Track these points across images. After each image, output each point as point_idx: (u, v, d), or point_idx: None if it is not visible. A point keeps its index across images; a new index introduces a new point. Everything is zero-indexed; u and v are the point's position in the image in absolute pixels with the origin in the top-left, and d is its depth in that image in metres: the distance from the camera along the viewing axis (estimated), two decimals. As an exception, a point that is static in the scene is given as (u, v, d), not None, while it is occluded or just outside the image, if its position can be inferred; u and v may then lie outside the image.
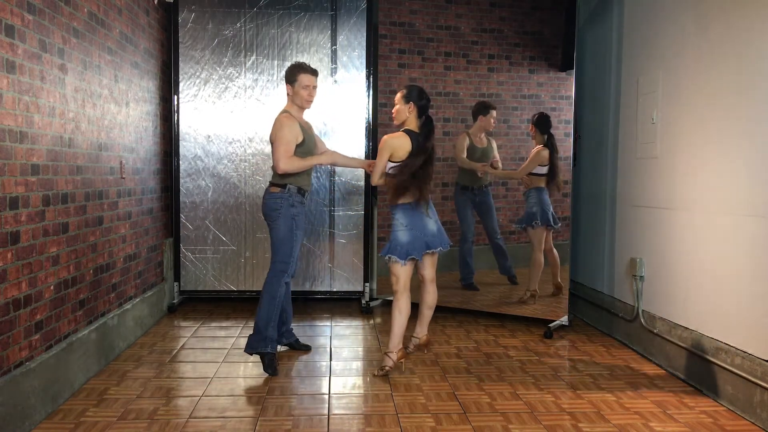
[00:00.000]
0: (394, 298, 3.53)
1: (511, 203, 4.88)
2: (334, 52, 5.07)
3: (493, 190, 4.89)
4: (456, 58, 4.91)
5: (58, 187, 3.03)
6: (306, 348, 3.92)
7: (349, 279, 5.18)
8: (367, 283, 5.18)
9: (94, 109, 3.48)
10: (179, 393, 3.19)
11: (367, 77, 5.08)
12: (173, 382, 3.35)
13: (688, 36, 3.49)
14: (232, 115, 5.03)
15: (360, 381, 3.43)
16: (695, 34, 3.42)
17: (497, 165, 4.79)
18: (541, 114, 4.59)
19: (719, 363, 3.11)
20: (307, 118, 3.87)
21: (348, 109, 5.10)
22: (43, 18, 2.86)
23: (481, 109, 4.74)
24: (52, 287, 2.97)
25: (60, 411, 2.91)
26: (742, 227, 3.00)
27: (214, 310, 5.00)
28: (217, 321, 4.65)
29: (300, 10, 5.02)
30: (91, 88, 3.43)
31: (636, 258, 3.95)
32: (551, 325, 4.36)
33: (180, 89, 4.97)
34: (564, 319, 4.43)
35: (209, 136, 5.04)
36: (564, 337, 4.29)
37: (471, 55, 4.90)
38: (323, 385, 3.32)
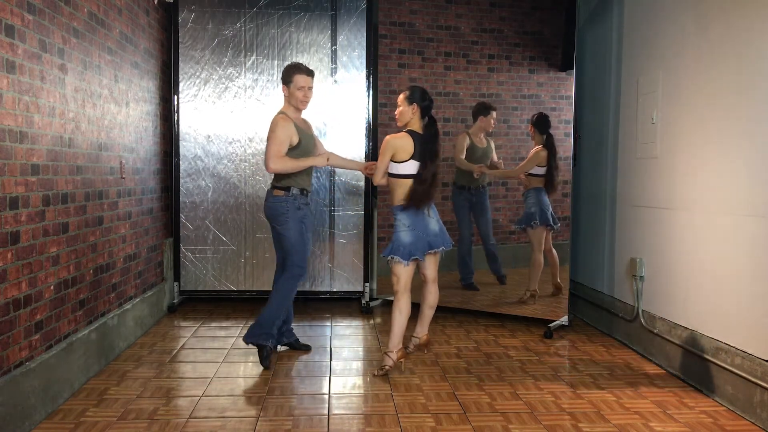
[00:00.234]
0: (394, 298, 3.53)
1: (511, 203, 4.88)
2: (334, 52, 5.07)
3: (493, 190, 4.89)
4: (456, 58, 4.91)
5: (58, 187, 3.03)
6: (306, 348, 3.92)
7: (349, 279, 5.18)
8: (367, 283, 5.18)
9: (94, 109, 3.48)
10: (179, 393, 3.19)
11: (367, 77, 5.08)
12: (173, 382, 3.35)
13: (688, 36, 3.49)
14: (232, 115, 5.03)
15: (360, 381, 3.43)
16: (695, 34, 3.42)
17: (500, 166, 4.79)
18: (540, 114, 4.59)
19: (719, 363, 3.11)
20: (307, 118, 3.88)
21: (348, 109, 5.10)
22: (43, 18, 2.86)
23: (481, 110, 4.74)
24: (52, 287, 2.97)
25: (60, 411, 2.91)
26: (742, 227, 3.00)
27: (214, 310, 5.00)
28: (217, 321, 4.65)
29: (300, 10, 5.02)
30: (91, 88, 3.43)
31: (636, 258, 3.95)
32: (551, 325, 4.36)
33: (180, 89, 4.97)
34: (564, 319, 4.43)
35: (209, 136, 5.04)
36: (564, 337, 4.29)
37: (471, 55, 4.90)
38: (323, 385, 3.32)
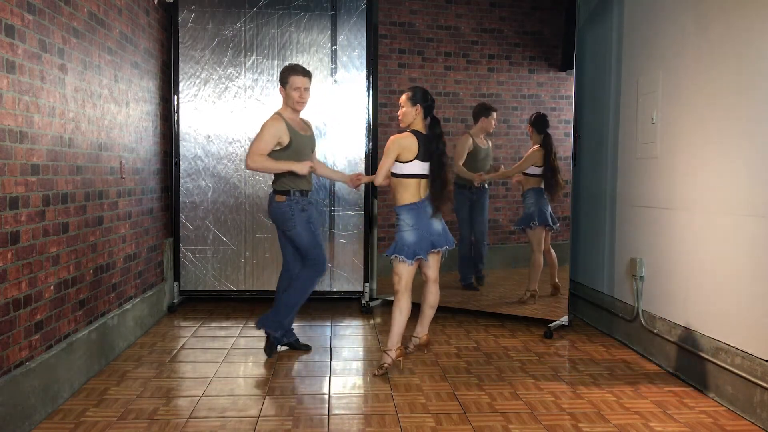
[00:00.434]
0: (395, 297, 3.53)
1: (511, 203, 4.88)
2: (334, 52, 5.07)
3: (493, 190, 4.88)
4: (456, 58, 4.91)
5: (58, 187, 3.03)
6: (306, 348, 3.92)
7: (349, 279, 5.18)
8: (367, 283, 5.18)
9: (94, 109, 3.48)
10: (179, 393, 3.19)
11: (367, 77, 5.08)
12: (173, 382, 3.35)
13: (688, 36, 3.49)
14: (232, 115, 5.03)
15: (360, 381, 3.43)
16: (695, 34, 3.42)
17: (498, 169, 4.79)
18: (538, 114, 4.60)
19: (719, 363, 3.11)
20: (307, 118, 3.89)
21: (348, 109, 5.10)
22: (43, 18, 2.86)
23: (482, 111, 4.74)
24: (52, 287, 2.97)
25: (60, 411, 2.92)
26: (742, 227, 3.00)
27: (214, 310, 5.00)
28: (217, 321, 4.65)
29: (300, 10, 5.02)
30: (91, 88, 3.43)
31: (636, 258, 3.95)
32: (551, 325, 4.36)
33: (180, 89, 4.97)
34: (564, 319, 4.43)
35: (209, 136, 5.04)
36: (564, 337, 4.29)
37: (471, 55, 4.90)
38: (323, 385, 3.32)
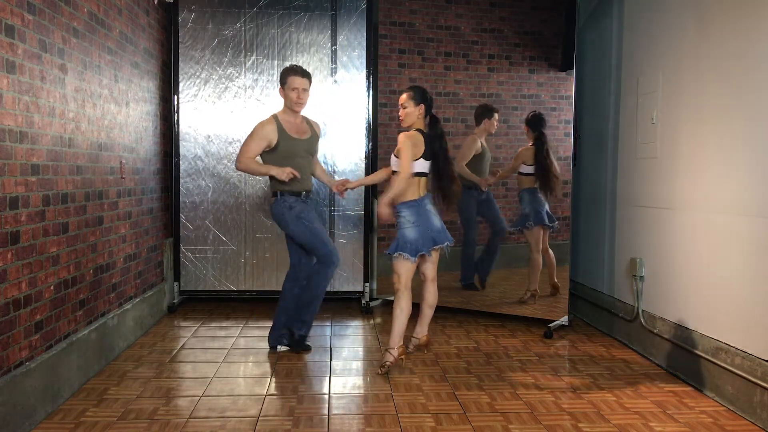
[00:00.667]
0: (395, 296, 3.53)
1: (511, 203, 4.88)
2: (334, 52, 5.07)
3: (493, 190, 4.88)
4: (456, 58, 4.91)
5: (58, 187, 3.03)
6: (307, 348, 3.92)
7: (349, 279, 5.18)
8: (367, 283, 5.18)
9: (94, 109, 3.48)
10: (179, 393, 3.19)
11: (367, 77, 5.08)
12: (173, 382, 3.35)
13: (688, 36, 3.49)
14: (232, 115, 5.03)
15: (360, 381, 3.43)
16: (695, 34, 3.42)
17: (497, 173, 4.81)
18: (533, 113, 4.60)
19: (719, 363, 3.11)
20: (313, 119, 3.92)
21: (348, 109, 5.10)
22: (43, 18, 2.86)
23: (485, 112, 4.73)
24: (52, 287, 2.97)
25: (60, 411, 2.92)
26: (742, 227, 3.00)
27: (214, 310, 5.00)
28: (217, 321, 4.65)
29: (300, 10, 5.02)
30: (91, 88, 3.43)
31: (636, 258, 3.95)
32: (551, 325, 4.36)
33: (180, 89, 4.98)
34: (564, 319, 4.43)
35: (209, 136, 5.04)
36: (564, 337, 4.29)
37: (471, 55, 4.89)
38: (323, 385, 3.32)
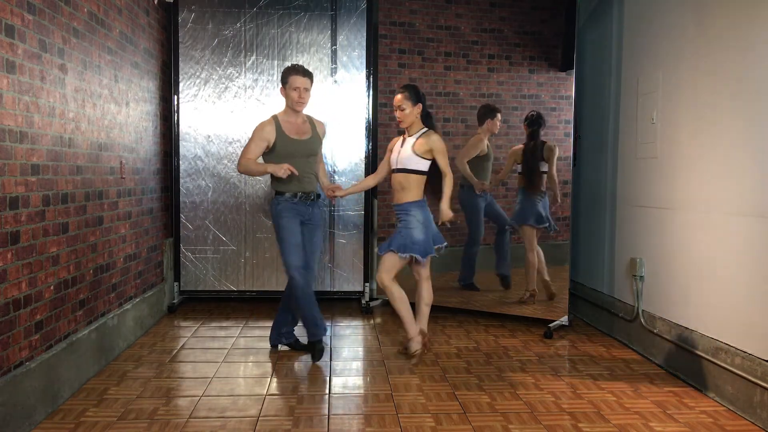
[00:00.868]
0: (387, 293, 3.62)
1: (511, 203, 4.88)
2: (334, 52, 5.07)
3: (492, 190, 4.88)
4: (456, 58, 4.91)
5: (58, 187, 3.03)
6: (306, 348, 3.92)
7: (349, 279, 5.18)
8: (367, 283, 5.18)
9: (94, 109, 3.48)
10: (179, 393, 3.19)
11: (367, 77, 5.08)
12: (173, 382, 3.35)
13: (688, 36, 3.49)
14: (232, 115, 5.03)
15: (360, 381, 3.43)
16: (695, 34, 3.42)
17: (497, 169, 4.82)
18: (529, 113, 4.61)
19: (719, 363, 3.11)
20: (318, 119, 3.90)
21: (348, 109, 5.10)
22: (43, 18, 2.86)
23: (488, 112, 4.73)
24: (52, 287, 2.97)
25: (60, 411, 2.91)
26: (742, 227, 3.00)
27: (214, 310, 5.00)
28: (217, 321, 4.65)
29: (300, 10, 5.02)
30: (91, 88, 3.43)
31: (636, 258, 3.95)
32: (551, 325, 4.36)
33: (180, 89, 4.98)
34: (564, 319, 4.43)
35: (209, 136, 5.04)
36: (564, 337, 4.29)
37: (471, 55, 4.89)
38: (323, 385, 3.32)
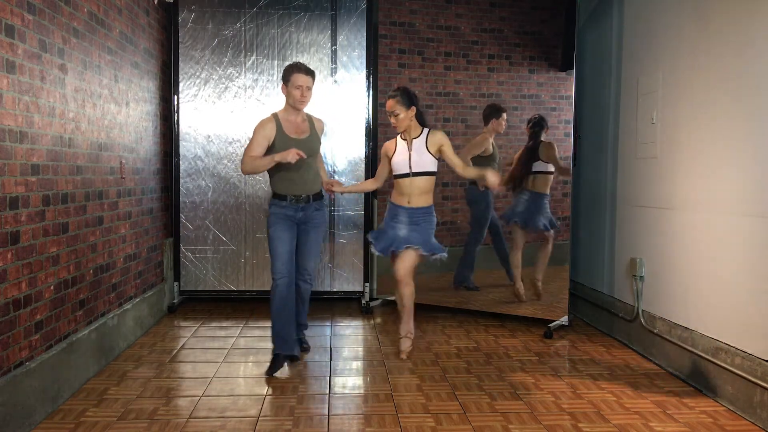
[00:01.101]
0: (404, 288, 3.70)
1: (503, 203, 4.87)
2: (334, 52, 5.07)
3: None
4: (456, 58, 4.91)
5: (58, 187, 3.03)
6: (304, 349, 3.91)
7: (349, 279, 5.18)
8: (367, 283, 5.18)
9: (94, 109, 3.48)
10: (179, 393, 3.19)
11: (367, 77, 5.08)
12: (173, 382, 3.35)
13: (687, 35, 3.49)
14: (232, 115, 5.03)
15: (360, 381, 3.43)
16: (695, 34, 3.42)
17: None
18: (533, 116, 4.62)
19: (719, 363, 3.11)
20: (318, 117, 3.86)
21: (348, 109, 5.10)
22: (43, 18, 2.86)
23: (493, 112, 4.72)
24: (52, 287, 2.97)
25: (60, 411, 2.91)
26: (742, 227, 3.00)
27: (214, 310, 5.00)
28: (217, 321, 4.65)
29: (300, 10, 5.02)
30: (91, 88, 3.43)
31: (636, 258, 3.95)
32: (551, 325, 4.36)
33: (180, 89, 4.97)
34: (564, 319, 4.43)
35: (209, 136, 5.04)
36: (564, 337, 4.29)
37: (471, 55, 4.89)
38: (323, 385, 3.32)
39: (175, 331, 4.36)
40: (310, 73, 3.57)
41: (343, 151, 5.13)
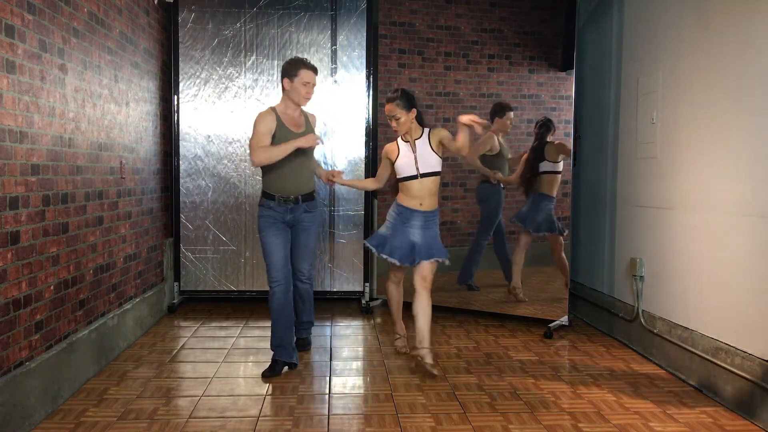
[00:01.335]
0: (427, 299, 3.55)
1: (511, 203, 4.87)
2: (334, 52, 5.07)
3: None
4: (456, 58, 4.91)
5: (58, 187, 3.03)
6: (305, 348, 3.90)
7: (349, 279, 5.18)
8: (367, 283, 5.18)
9: (94, 109, 3.48)
10: (179, 393, 3.19)
11: (367, 77, 5.08)
12: (173, 382, 3.35)
13: (688, 34, 3.49)
14: (232, 115, 5.03)
15: (360, 381, 3.43)
16: (695, 33, 3.42)
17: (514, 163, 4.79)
18: (540, 118, 4.61)
19: (719, 363, 3.11)
20: (312, 113, 3.82)
21: (348, 109, 5.10)
22: (43, 18, 2.86)
23: (497, 111, 4.70)
24: (52, 287, 2.97)
25: (60, 411, 2.91)
26: (741, 227, 3.00)
27: (214, 310, 5.00)
28: (217, 321, 4.65)
29: (300, 10, 5.02)
30: (91, 88, 3.43)
31: (636, 258, 3.95)
32: (551, 325, 4.36)
33: (180, 89, 4.98)
34: (564, 319, 4.43)
35: (209, 136, 5.04)
36: (564, 337, 4.29)
37: (471, 55, 4.89)
38: (323, 385, 3.32)
39: (175, 331, 4.36)
40: (315, 69, 3.55)
41: (343, 151, 5.13)
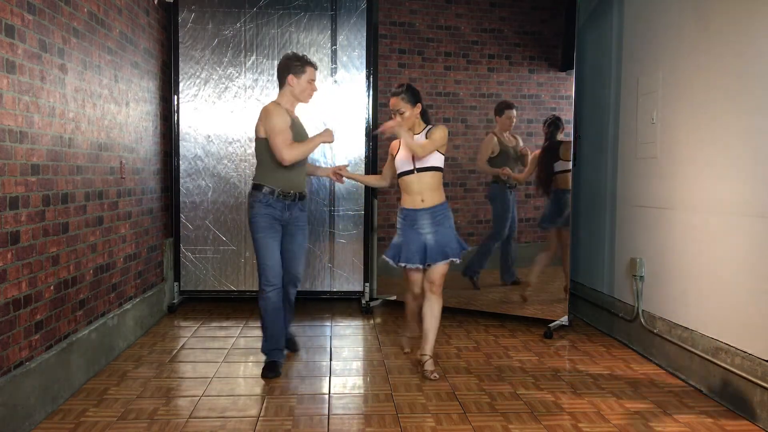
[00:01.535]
0: (438, 303, 3.51)
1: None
2: (334, 52, 5.07)
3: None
4: (456, 58, 4.91)
5: (58, 187, 3.03)
6: (294, 349, 3.88)
7: (349, 279, 5.18)
8: (367, 283, 5.18)
9: (94, 109, 3.48)
10: (179, 393, 3.19)
11: (367, 77, 5.08)
12: (173, 382, 3.35)
13: (688, 36, 3.49)
14: (232, 115, 5.03)
15: (360, 381, 3.43)
16: (695, 33, 3.42)
17: (525, 151, 4.72)
18: (549, 116, 4.60)
19: (719, 363, 3.11)
20: (307, 117, 3.81)
21: (348, 109, 5.10)
22: (43, 18, 2.86)
23: (498, 110, 4.70)
24: (52, 287, 2.97)
25: (60, 411, 2.91)
26: (741, 227, 3.00)
27: (214, 310, 5.00)
28: (217, 321, 4.65)
29: (300, 10, 5.02)
30: (91, 88, 3.43)
31: (636, 258, 3.95)
32: (551, 325, 4.36)
33: (180, 89, 4.98)
34: (564, 319, 4.43)
35: (209, 136, 5.04)
36: (564, 337, 4.29)
37: (471, 55, 4.89)
38: (323, 385, 3.32)
39: (175, 331, 4.36)
40: (317, 68, 3.56)
41: (343, 151, 5.12)
